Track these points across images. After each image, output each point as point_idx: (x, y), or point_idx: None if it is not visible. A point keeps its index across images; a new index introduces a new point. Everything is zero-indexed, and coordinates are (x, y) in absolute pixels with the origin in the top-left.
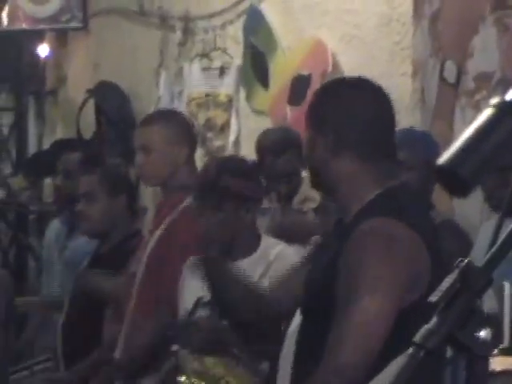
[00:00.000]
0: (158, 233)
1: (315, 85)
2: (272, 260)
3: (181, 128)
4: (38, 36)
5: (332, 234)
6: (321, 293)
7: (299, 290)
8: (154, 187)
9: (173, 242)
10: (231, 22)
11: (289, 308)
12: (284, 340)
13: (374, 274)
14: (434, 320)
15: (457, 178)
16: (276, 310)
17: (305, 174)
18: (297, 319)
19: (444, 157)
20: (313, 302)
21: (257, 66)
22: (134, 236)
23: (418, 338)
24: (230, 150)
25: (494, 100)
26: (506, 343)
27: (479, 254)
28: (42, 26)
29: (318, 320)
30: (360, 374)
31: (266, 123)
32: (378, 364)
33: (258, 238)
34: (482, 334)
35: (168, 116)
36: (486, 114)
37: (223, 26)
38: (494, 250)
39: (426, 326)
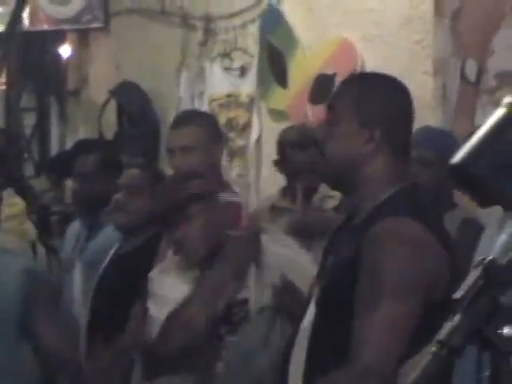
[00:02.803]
0: None
1: None
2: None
3: (214, 127)
4: (59, 37)
5: (343, 231)
6: (338, 290)
7: None
8: None
9: None
10: (252, 21)
11: None
12: (296, 335)
13: (397, 274)
14: (458, 317)
15: (470, 177)
16: None
17: None
18: (309, 316)
19: (457, 156)
20: (329, 297)
21: (275, 65)
22: (158, 236)
23: (441, 335)
24: (251, 150)
25: (507, 99)
26: None
27: (483, 254)
28: (63, 27)
29: (333, 313)
30: (389, 370)
31: (287, 123)
32: (402, 364)
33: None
34: (507, 330)
35: (201, 116)
36: (499, 113)
37: (244, 26)
38: None
39: (450, 323)
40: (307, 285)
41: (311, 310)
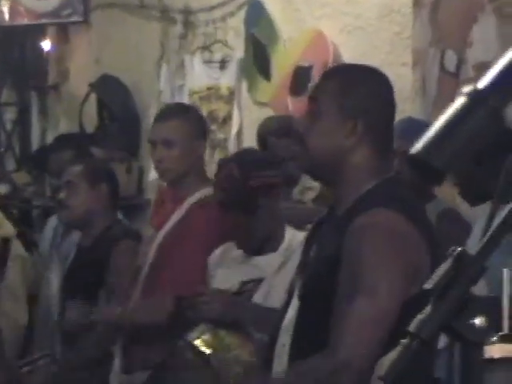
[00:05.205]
0: (167, 227)
1: (316, 76)
2: (293, 250)
3: (198, 122)
4: (39, 31)
5: (325, 223)
6: (320, 283)
7: None
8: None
9: (188, 234)
10: (232, 14)
11: None
12: (278, 332)
13: (378, 268)
14: (428, 308)
15: (429, 167)
16: None
17: None
18: (291, 312)
19: (417, 146)
20: (312, 290)
21: (258, 58)
22: (114, 226)
23: (412, 327)
24: (232, 142)
25: (466, 88)
26: (505, 330)
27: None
28: (43, 21)
29: (316, 307)
30: (365, 365)
31: (268, 114)
32: (381, 356)
33: (284, 228)
34: (477, 321)
35: (186, 110)
36: (458, 102)
37: (223, 19)
38: (487, 237)
39: (420, 315)
40: None
41: (294, 304)
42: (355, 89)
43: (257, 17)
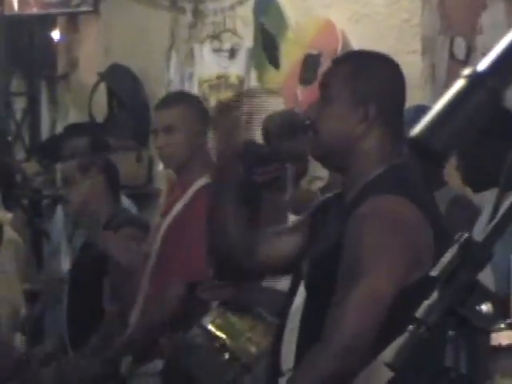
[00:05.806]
0: (173, 213)
1: (325, 64)
2: None
3: (199, 109)
4: (49, 20)
5: (332, 209)
6: (326, 269)
7: (288, 250)
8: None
9: (194, 220)
10: (240, 3)
11: (274, 266)
12: (287, 317)
13: (378, 252)
14: (435, 295)
15: (429, 150)
16: (263, 263)
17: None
18: (300, 296)
19: (417, 129)
20: (318, 278)
21: (267, 47)
22: (117, 215)
23: (418, 313)
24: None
25: (466, 71)
26: None
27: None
28: (52, 11)
29: (323, 296)
30: (367, 347)
31: (277, 103)
32: (382, 340)
33: (287, 219)
34: (484, 307)
35: (188, 97)
36: (458, 85)
37: (232, 7)
38: (493, 224)
39: (427, 302)
40: None
41: (301, 291)
42: (367, 74)
43: (265, 5)
